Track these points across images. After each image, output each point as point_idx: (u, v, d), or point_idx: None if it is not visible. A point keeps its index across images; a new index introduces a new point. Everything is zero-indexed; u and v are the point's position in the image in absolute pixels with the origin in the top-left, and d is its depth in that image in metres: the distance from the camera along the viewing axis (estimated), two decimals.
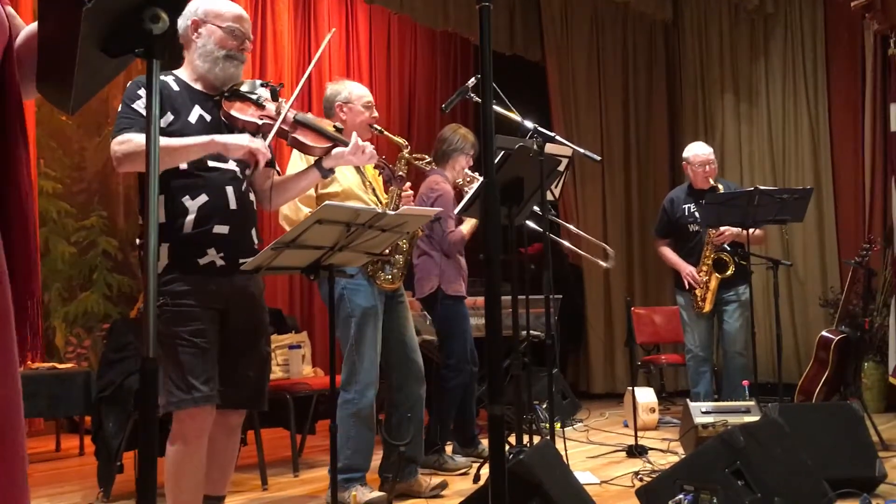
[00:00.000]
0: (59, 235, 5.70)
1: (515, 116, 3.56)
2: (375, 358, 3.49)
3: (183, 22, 2.48)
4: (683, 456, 4.20)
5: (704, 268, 4.98)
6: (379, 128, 3.57)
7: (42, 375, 4.46)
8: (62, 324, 5.68)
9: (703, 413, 4.28)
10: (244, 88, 2.51)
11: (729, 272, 4.92)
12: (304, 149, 2.56)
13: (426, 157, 4.13)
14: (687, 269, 5.05)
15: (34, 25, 1.21)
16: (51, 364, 4.86)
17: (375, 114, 3.64)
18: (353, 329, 3.42)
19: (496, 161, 3.18)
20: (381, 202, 3.56)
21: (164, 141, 2.27)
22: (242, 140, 2.34)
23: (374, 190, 3.60)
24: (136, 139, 2.32)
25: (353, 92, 3.60)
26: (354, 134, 2.63)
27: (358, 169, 3.57)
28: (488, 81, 1.43)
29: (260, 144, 2.34)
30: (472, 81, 3.51)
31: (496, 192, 1.43)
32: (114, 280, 5.96)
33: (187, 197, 2.39)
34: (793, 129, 7.07)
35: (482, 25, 1.44)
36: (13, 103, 1.11)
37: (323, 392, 4.32)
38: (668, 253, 5.22)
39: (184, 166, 2.40)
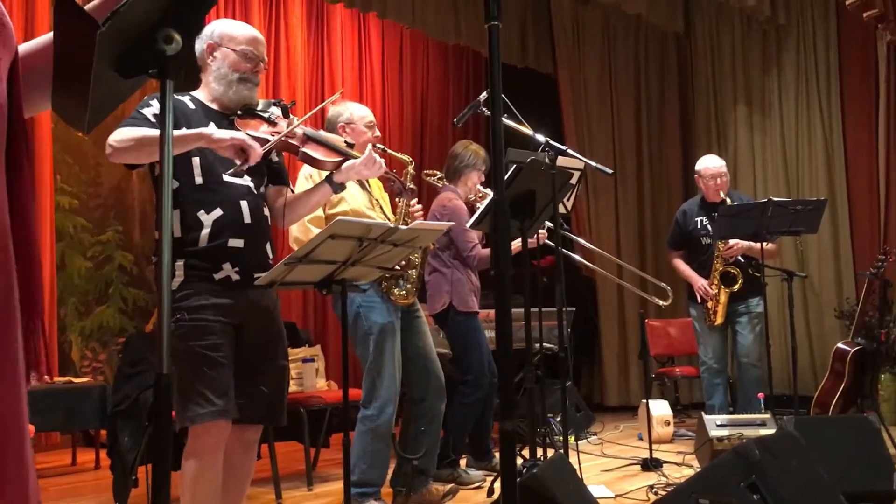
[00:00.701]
0: (75, 250, 5.75)
1: (527, 130, 3.57)
2: (395, 374, 3.51)
3: (200, 45, 2.54)
4: (698, 469, 4.19)
5: (714, 281, 4.97)
6: (382, 146, 3.60)
7: (58, 390, 4.50)
8: (78, 338, 5.72)
9: (719, 426, 4.25)
10: (258, 108, 2.55)
11: (737, 286, 4.90)
12: (314, 163, 2.58)
13: (437, 173, 4.15)
14: (699, 281, 5.04)
15: (49, 35, 1.22)
16: (67, 378, 4.91)
17: (378, 133, 3.68)
18: (371, 346, 3.44)
19: (508, 175, 3.19)
20: (389, 220, 3.59)
21: (153, 132, 2.29)
22: (229, 133, 2.32)
23: (381, 208, 3.63)
24: (129, 130, 2.34)
25: (355, 112, 3.64)
26: (370, 146, 2.65)
27: (364, 187, 3.60)
28: (498, 102, 1.44)
29: (252, 140, 2.33)
30: (483, 96, 3.53)
31: (507, 209, 1.44)
32: (129, 294, 6.00)
33: (202, 211, 2.41)
34: (806, 140, 7.04)
35: (491, 44, 1.45)
36: (19, 123, 1.12)
37: (337, 406, 4.33)
38: (681, 265, 5.21)
39: (199, 180, 2.42)
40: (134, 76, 1.17)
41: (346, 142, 2.68)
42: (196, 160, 2.43)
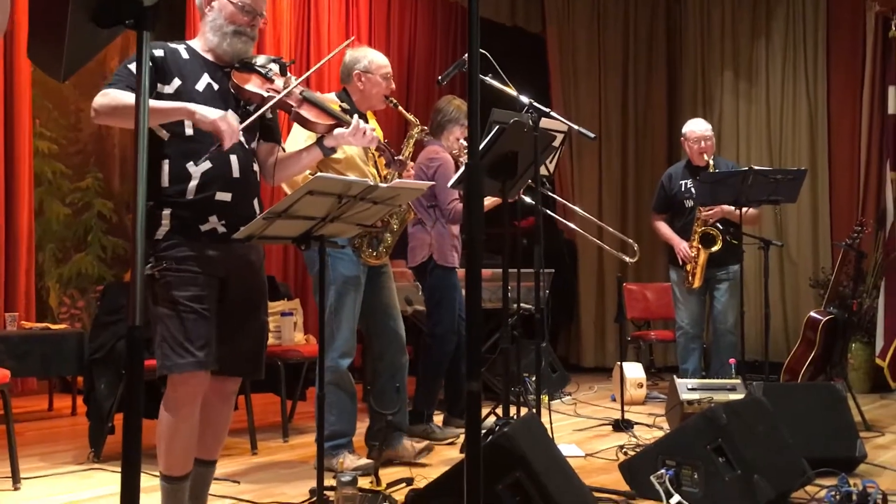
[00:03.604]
0: (54, 196, 5.71)
1: (511, 91, 3.56)
2: (353, 326, 3.54)
3: None
4: (668, 431, 4.27)
5: (694, 242, 5.02)
6: (394, 101, 3.59)
7: (35, 336, 4.49)
8: (56, 284, 5.71)
9: (689, 390, 4.33)
10: (256, 62, 2.54)
11: (716, 247, 4.94)
12: (306, 124, 2.57)
13: (422, 126, 4.14)
14: (681, 244, 5.08)
15: None
16: (44, 325, 4.90)
17: (392, 86, 3.65)
18: (332, 297, 3.45)
19: (490, 136, 3.18)
20: (379, 175, 3.59)
21: (132, 100, 2.28)
22: (214, 114, 2.32)
23: (375, 163, 3.62)
24: (115, 94, 2.35)
25: (374, 61, 3.62)
26: (356, 116, 2.64)
27: None
28: (475, 75, 1.43)
29: (233, 124, 2.33)
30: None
31: (481, 174, 1.44)
32: (108, 242, 5.98)
33: (191, 162, 2.41)
34: (791, 110, 7.06)
35: (471, 11, 1.43)
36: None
37: (313, 360, 4.35)
38: (664, 228, 5.26)
39: (189, 132, 2.41)
40: (111, 27, 1.16)
41: (341, 107, 2.67)
42: None
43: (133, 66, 2.39)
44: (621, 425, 4.50)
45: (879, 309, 5.80)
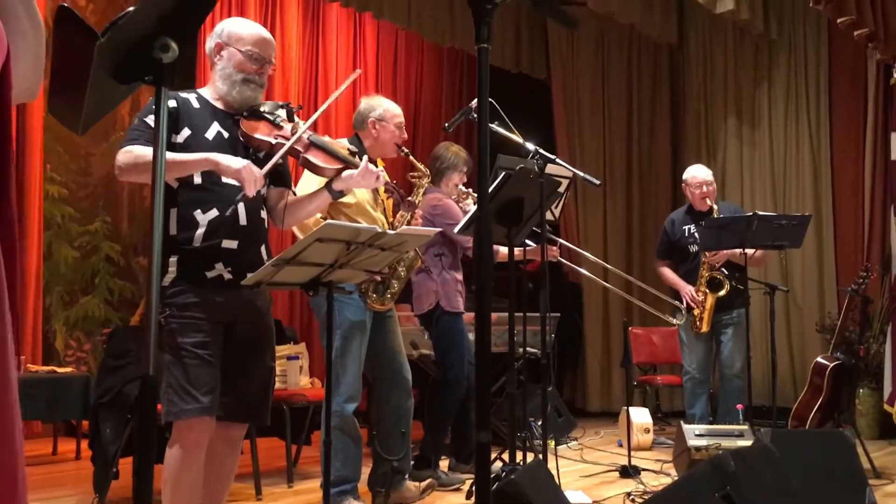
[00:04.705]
0: (63, 239, 5.75)
1: (517, 138, 3.60)
2: (358, 371, 3.54)
3: (210, 42, 2.59)
4: (676, 478, 4.23)
5: (701, 288, 5.03)
6: (406, 150, 3.64)
7: (41, 379, 4.50)
8: (63, 327, 5.72)
9: (697, 436, 4.30)
10: (264, 109, 2.57)
11: (723, 291, 4.95)
12: (314, 169, 2.60)
13: (424, 172, 4.18)
14: (686, 288, 5.09)
15: None
16: (50, 368, 4.90)
17: (405, 135, 3.72)
18: (338, 341, 3.46)
19: (496, 182, 3.22)
20: (387, 220, 3.63)
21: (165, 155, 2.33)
22: (238, 163, 2.37)
23: (384, 209, 3.67)
24: (138, 151, 2.39)
25: (389, 110, 3.69)
26: (365, 157, 2.68)
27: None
28: (485, 127, 1.46)
29: (256, 172, 2.37)
30: (475, 102, 3.56)
31: (490, 225, 1.46)
32: (115, 285, 6.00)
33: (199, 210, 2.44)
34: (794, 154, 7.10)
35: (480, 66, 1.47)
36: (6, 118, 1.13)
37: (319, 404, 4.34)
38: (668, 273, 5.27)
39: (197, 180, 2.45)
40: (130, 83, 1.20)
41: (349, 149, 2.71)
42: None
43: (149, 119, 2.44)
44: (629, 471, 4.46)
45: (886, 354, 5.77)
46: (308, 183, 3.28)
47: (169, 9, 1.13)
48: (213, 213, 2.44)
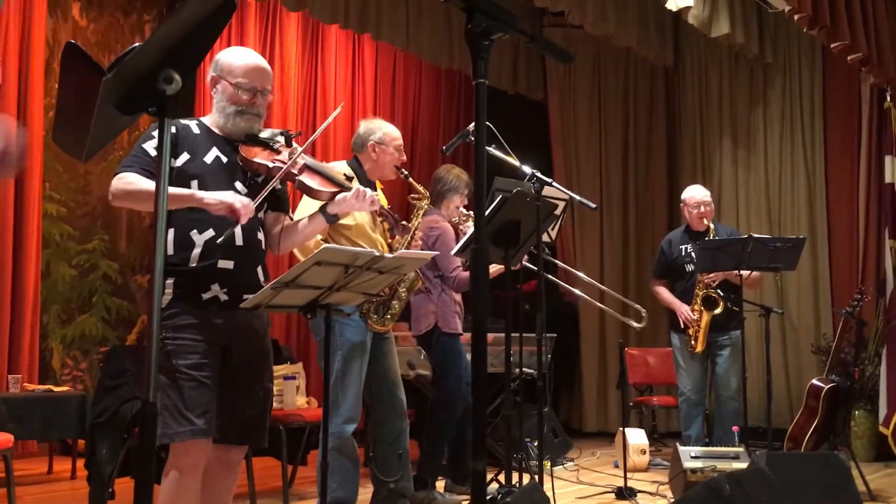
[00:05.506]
0: (61, 258, 5.77)
1: (514, 161, 3.63)
2: (358, 392, 3.55)
3: (209, 74, 2.63)
4: (672, 500, 4.24)
5: (696, 306, 5.05)
6: (405, 172, 3.67)
7: (37, 398, 4.50)
8: (59, 346, 5.72)
9: (693, 458, 4.31)
10: (263, 135, 2.61)
11: (718, 309, 4.97)
12: (309, 192, 2.63)
13: (423, 194, 4.21)
14: (682, 307, 5.11)
15: None
16: (46, 386, 4.90)
17: (404, 157, 3.75)
18: (339, 362, 3.47)
19: (493, 205, 3.25)
20: (386, 242, 3.65)
21: (147, 186, 2.38)
22: (225, 197, 2.39)
23: (383, 231, 3.69)
24: (129, 178, 2.42)
25: (388, 133, 3.73)
26: (355, 180, 2.71)
27: None
28: (482, 161, 1.48)
29: (245, 202, 2.39)
30: (472, 126, 3.59)
31: (486, 259, 1.48)
32: (113, 304, 6.01)
33: (195, 231, 2.46)
34: (789, 177, 7.15)
35: (478, 101, 1.49)
36: None
37: (316, 424, 4.35)
38: (664, 293, 5.30)
39: None
40: (133, 114, 1.22)
41: (345, 174, 2.73)
42: (195, 182, 2.48)
43: (147, 146, 2.47)
44: (625, 493, 4.46)
45: (882, 376, 5.79)
46: (305, 209, 3.30)
47: (174, 43, 1.16)
48: (210, 233, 2.46)
